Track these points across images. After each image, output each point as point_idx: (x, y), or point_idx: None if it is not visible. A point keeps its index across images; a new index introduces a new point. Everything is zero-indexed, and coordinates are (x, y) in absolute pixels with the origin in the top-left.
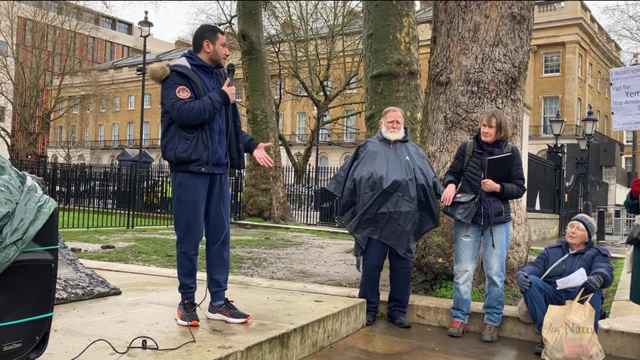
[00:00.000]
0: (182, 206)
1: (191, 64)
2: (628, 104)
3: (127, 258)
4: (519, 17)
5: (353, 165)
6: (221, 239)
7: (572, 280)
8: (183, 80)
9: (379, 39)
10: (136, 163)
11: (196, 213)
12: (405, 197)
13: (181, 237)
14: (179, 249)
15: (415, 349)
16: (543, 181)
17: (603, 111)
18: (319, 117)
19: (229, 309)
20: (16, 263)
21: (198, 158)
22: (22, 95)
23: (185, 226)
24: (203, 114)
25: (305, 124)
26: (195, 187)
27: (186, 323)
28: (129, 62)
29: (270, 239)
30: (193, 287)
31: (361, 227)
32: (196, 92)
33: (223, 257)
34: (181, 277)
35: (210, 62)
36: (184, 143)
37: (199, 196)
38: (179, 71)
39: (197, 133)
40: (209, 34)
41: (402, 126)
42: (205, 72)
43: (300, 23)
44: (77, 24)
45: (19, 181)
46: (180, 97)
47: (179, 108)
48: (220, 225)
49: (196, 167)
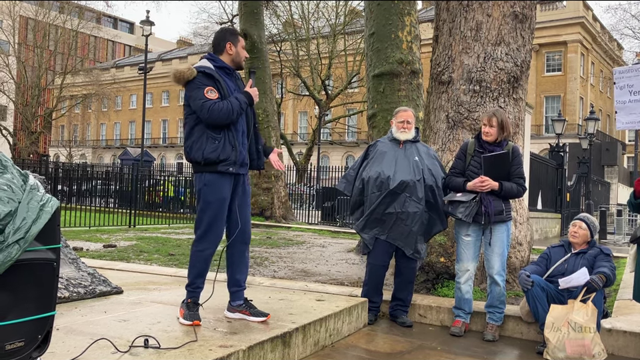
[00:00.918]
0: (207, 206)
1: (214, 65)
2: (631, 103)
3: (129, 257)
4: (521, 16)
5: (362, 165)
6: (243, 238)
7: (574, 279)
8: (210, 81)
9: (381, 38)
10: (138, 162)
11: (220, 212)
12: (413, 197)
13: (201, 235)
14: (196, 247)
15: (417, 348)
16: (544, 180)
17: (605, 110)
18: (320, 116)
19: (249, 308)
20: (18, 262)
21: (226, 158)
22: (24, 94)
23: (207, 225)
24: (232, 114)
25: (306, 123)
26: (221, 187)
27: (189, 322)
28: (130, 61)
29: (271, 238)
30: (200, 287)
31: (368, 227)
32: (222, 93)
33: (245, 256)
34: (192, 275)
35: (231, 64)
36: (212, 143)
37: (224, 195)
38: (206, 71)
39: (224, 134)
40: (231, 36)
41: (412, 126)
42: (226, 74)
43: (301, 22)
44: (79, 23)
45: (21, 180)
46: (208, 97)
47: (209, 108)
48: (243, 224)
49: (224, 167)
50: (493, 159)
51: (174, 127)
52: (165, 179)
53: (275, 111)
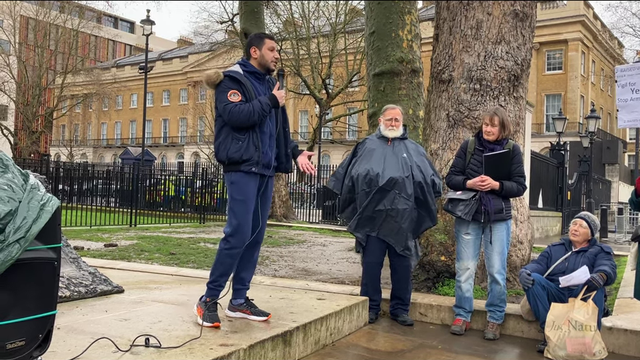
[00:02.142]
0: (235, 204)
1: (243, 70)
2: (633, 101)
3: (130, 256)
4: (522, 15)
5: (351, 162)
6: (257, 238)
7: (575, 277)
8: (234, 84)
9: (381, 37)
10: (138, 161)
11: (247, 210)
12: (402, 194)
13: (231, 233)
14: (224, 245)
15: (418, 346)
16: (545, 178)
17: (606, 108)
18: (321, 115)
19: (250, 307)
20: (19, 261)
21: (249, 158)
22: (24, 94)
23: (237, 223)
24: (252, 116)
25: (307, 122)
26: (246, 185)
27: (209, 324)
28: (131, 60)
29: (272, 237)
30: (222, 286)
31: (360, 225)
32: (247, 96)
33: (254, 256)
34: (216, 273)
35: (260, 67)
36: (236, 144)
37: (250, 194)
38: (232, 75)
39: (248, 135)
40: (255, 40)
41: (400, 123)
42: (256, 78)
43: (302, 21)
44: (79, 22)
45: (22, 179)
46: (231, 100)
47: (229, 110)
48: (262, 225)
49: (247, 167)
50: (494, 158)
51: (174, 126)
52: (166, 178)
53: None
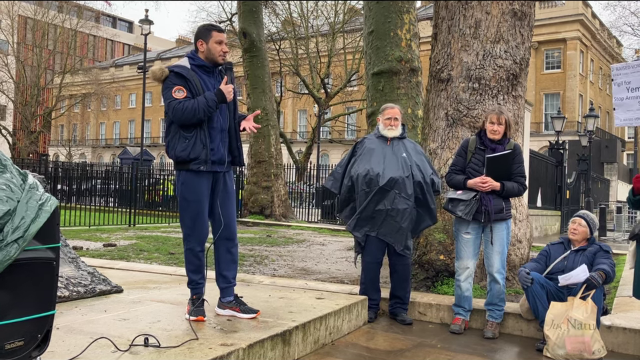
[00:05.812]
0: (186, 204)
1: (191, 64)
2: (629, 100)
3: (129, 256)
4: (520, 14)
5: (350, 162)
6: (228, 235)
7: (574, 276)
8: (180, 80)
9: (380, 36)
10: (137, 161)
11: (200, 210)
12: (402, 194)
13: (187, 233)
14: (186, 245)
15: (417, 345)
16: (544, 177)
17: (605, 107)
18: (319, 115)
19: (239, 305)
20: (17, 261)
21: (196, 157)
22: (23, 94)
23: (191, 223)
24: (197, 113)
25: (306, 121)
26: (197, 185)
27: (193, 318)
28: (129, 60)
29: (271, 236)
30: (201, 283)
31: (359, 225)
32: (193, 91)
33: (231, 253)
34: (189, 272)
35: (207, 61)
36: (182, 142)
37: (201, 194)
38: (177, 71)
39: (196, 132)
40: (202, 33)
41: (399, 123)
42: (205, 72)
43: (300, 20)
44: (78, 22)
45: (21, 179)
46: (176, 97)
47: (173, 108)
48: (226, 222)
49: (195, 166)
50: (497, 159)
51: None
52: (165, 178)
53: (275, 110)
